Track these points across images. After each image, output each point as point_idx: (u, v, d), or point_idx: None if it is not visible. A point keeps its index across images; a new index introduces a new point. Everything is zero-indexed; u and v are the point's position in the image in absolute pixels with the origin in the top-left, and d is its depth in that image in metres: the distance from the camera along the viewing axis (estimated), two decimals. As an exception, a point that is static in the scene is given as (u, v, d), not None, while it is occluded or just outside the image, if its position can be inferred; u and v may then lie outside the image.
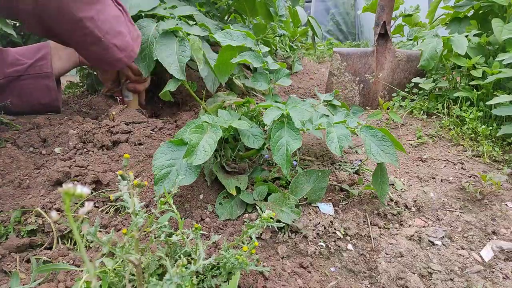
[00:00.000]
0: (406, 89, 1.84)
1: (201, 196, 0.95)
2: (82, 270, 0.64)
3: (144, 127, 1.12)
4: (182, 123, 1.26)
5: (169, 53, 1.00)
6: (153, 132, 1.13)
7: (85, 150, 1.01)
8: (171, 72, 0.99)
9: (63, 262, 0.71)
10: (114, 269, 0.57)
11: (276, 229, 0.87)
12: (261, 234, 0.85)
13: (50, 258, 0.72)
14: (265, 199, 0.93)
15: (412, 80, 1.79)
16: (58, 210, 0.82)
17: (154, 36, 1.10)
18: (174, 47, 1.02)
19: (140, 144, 1.06)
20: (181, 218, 0.80)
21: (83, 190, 0.28)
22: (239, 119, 0.99)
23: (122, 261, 0.57)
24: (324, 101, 1.25)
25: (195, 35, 1.07)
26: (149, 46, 1.09)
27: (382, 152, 0.88)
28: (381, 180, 0.92)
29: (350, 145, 0.90)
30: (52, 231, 0.78)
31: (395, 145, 0.90)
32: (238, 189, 0.92)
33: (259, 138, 0.96)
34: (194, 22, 1.16)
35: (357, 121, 0.96)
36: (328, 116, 1.02)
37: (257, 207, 0.91)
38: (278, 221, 0.85)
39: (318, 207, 0.95)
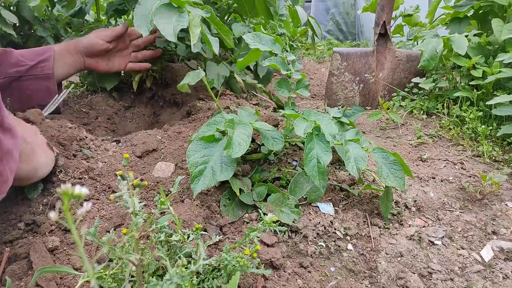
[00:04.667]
0: (406, 89, 1.84)
1: (201, 196, 0.94)
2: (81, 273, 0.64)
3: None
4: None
5: (166, 21, 1.00)
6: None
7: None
8: (163, 34, 0.98)
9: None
10: (112, 274, 0.57)
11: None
12: (261, 234, 0.85)
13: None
14: (265, 200, 0.93)
15: (412, 80, 1.79)
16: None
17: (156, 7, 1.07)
18: (173, 17, 1.03)
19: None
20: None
21: (82, 190, 0.28)
22: (256, 120, 0.99)
23: (120, 265, 0.57)
24: (333, 117, 1.24)
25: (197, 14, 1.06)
26: (150, 15, 1.06)
27: (392, 176, 0.90)
28: (386, 199, 0.94)
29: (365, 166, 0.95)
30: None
31: (404, 170, 0.92)
32: (240, 190, 0.93)
33: (278, 141, 0.97)
34: (198, 5, 1.15)
35: (369, 141, 0.99)
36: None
37: (257, 208, 0.91)
38: (280, 224, 0.85)
39: (318, 207, 0.95)
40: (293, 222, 0.86)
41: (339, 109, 1.27)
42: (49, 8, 1.77)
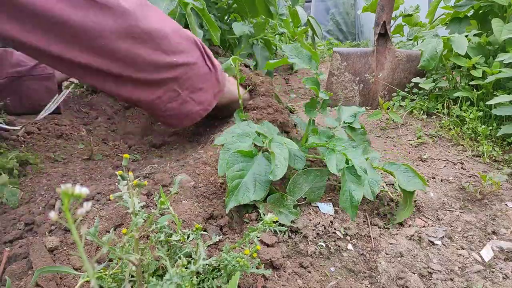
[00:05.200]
0: (406, 89, 1.84)
1: (201, 196, 0.94)
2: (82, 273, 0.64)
3: None
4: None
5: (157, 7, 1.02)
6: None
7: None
8: None
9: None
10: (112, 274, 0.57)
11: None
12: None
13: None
14: (265, 200, 0.92)
15: (412, 80, 1.79)
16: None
17: None
18: (163, 4, 1.04)
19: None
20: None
21: (82, 190, 0.28)
22: (278, 134, 1.00)
23: (120, 265, 0.57)
24: (344, 122, 1.22)
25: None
26: None
27: (410, 182, 0.94)
28: (408, 208, 0.96)
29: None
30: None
31: (417, 176, 0.96)
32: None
33: (300, 160, 0.98)
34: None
35: (378, 157, 1.01)
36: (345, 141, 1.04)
37: (257, 208, 0.91)
38: (280, 224, 0.85)
39: (318, 207, 0.95)
40: (293, 222, 0.86)
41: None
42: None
